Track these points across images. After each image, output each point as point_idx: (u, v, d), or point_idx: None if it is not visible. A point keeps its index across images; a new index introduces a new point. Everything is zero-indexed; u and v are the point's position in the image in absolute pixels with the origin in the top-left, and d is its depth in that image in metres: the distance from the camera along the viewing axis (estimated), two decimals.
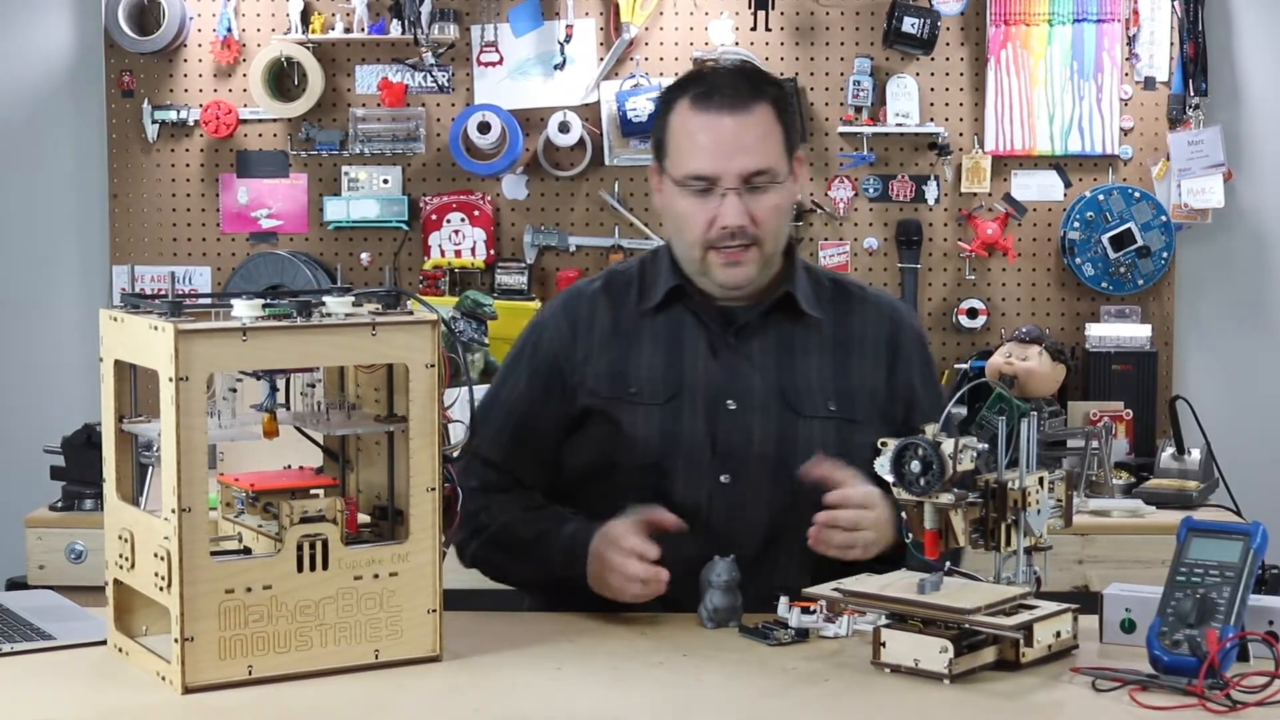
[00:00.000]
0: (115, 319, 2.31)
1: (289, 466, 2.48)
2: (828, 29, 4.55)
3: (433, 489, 2.30)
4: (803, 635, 2.38)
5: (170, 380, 2.14)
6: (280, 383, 2.34)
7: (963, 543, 2.29)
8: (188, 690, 2.17)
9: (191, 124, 4.57)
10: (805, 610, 2.35)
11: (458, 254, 4.55)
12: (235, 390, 2.33)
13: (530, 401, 2.71)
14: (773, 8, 4.47)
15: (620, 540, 2.50)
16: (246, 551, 2.33)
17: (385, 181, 4.57)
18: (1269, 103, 4.57)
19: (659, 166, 2.71)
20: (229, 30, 4.51)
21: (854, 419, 2.68)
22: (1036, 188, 4.56)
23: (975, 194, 4.55)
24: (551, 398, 2.71)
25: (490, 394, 2.75)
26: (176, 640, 2.17)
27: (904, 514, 2.32)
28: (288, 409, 2.39)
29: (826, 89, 4.54)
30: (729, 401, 2.66)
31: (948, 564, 2.34)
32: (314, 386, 2.41)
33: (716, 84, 2.66)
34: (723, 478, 2.65)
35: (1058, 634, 2.28)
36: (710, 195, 2.61)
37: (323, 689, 2.21)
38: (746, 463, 2.65)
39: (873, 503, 2.51)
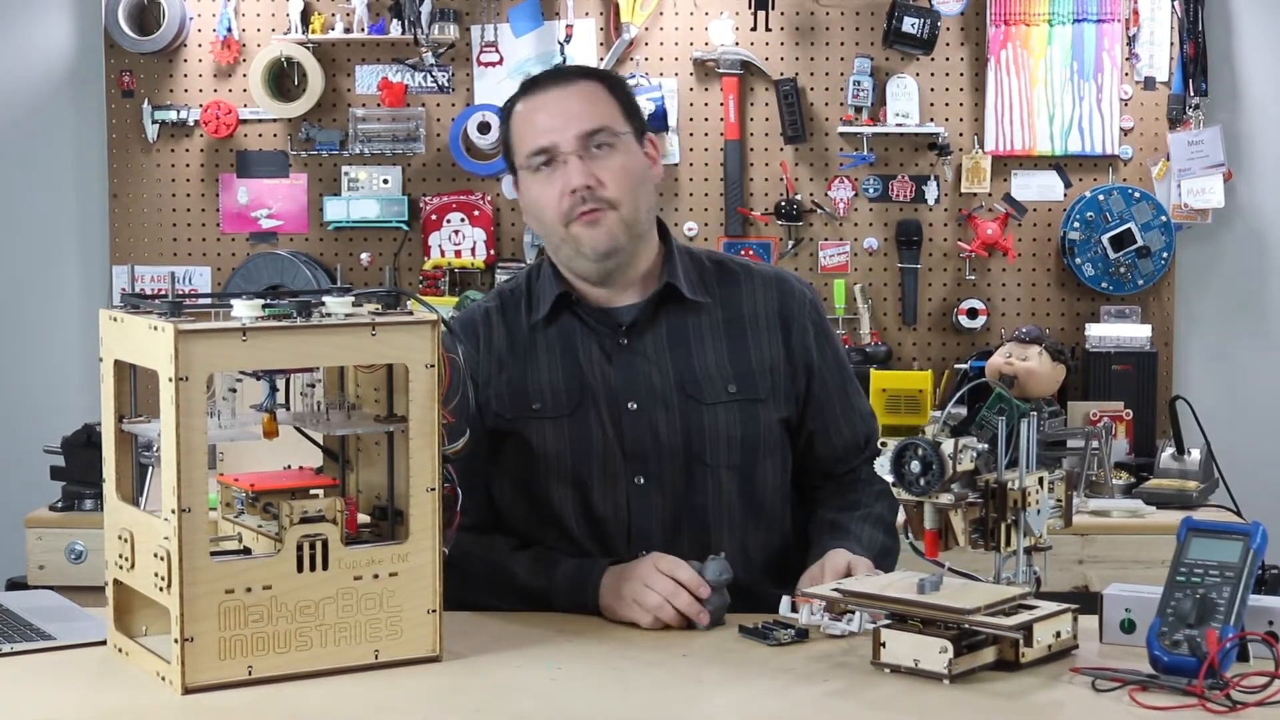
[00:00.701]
0: (115, 319, 2.31)
1: (289, 466, 2.48)
2: (828, 29, 4.55)
3: (433, 489, 2.30)
4: (803, 635, 2.38)
5: (170, 380, 2.14)
6: (280, 383, 2.34)
7: (962, 543, 2.29)
8: (188, 690, 2.17)
9: (191, 124, 4.57)
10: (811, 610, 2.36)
11: (458, 254, 4.55)
12: (235, 390, 2.33)
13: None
14: (773, 8, 4.48)
15: (675, 570, 2.47)
16: (246, 552, 2.33)
17: (385, 181, 4.57)
18: (1269, 103, 4.57)
19: (515, 177, 2.73)
20: (229, 30, 4.52)
21: (756, 398, 2.68)
22: (1036, 188, 4.56)
23: (975, 194, 4.55)
24: (476, 415, 2.67)
25: None
26: (176, 640, 2.16)
27: (904, 514, 2.32)
28: (288, 409, 2.39)
29: (826, 89, 4.54)
30: (630, 403, 2.65)
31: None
32: (314, 386, 2.40)
33: (543, 75, 2.75)
34: (637, 479, 2.64)
35: (1057, 634, 2.28)
36: (555, 169, 2.62)
37: (323, 689, 2.21)
38: (659, 461, 2.64)
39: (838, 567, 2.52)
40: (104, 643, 2.38)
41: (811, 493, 2.77)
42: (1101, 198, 4.47)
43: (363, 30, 4.49)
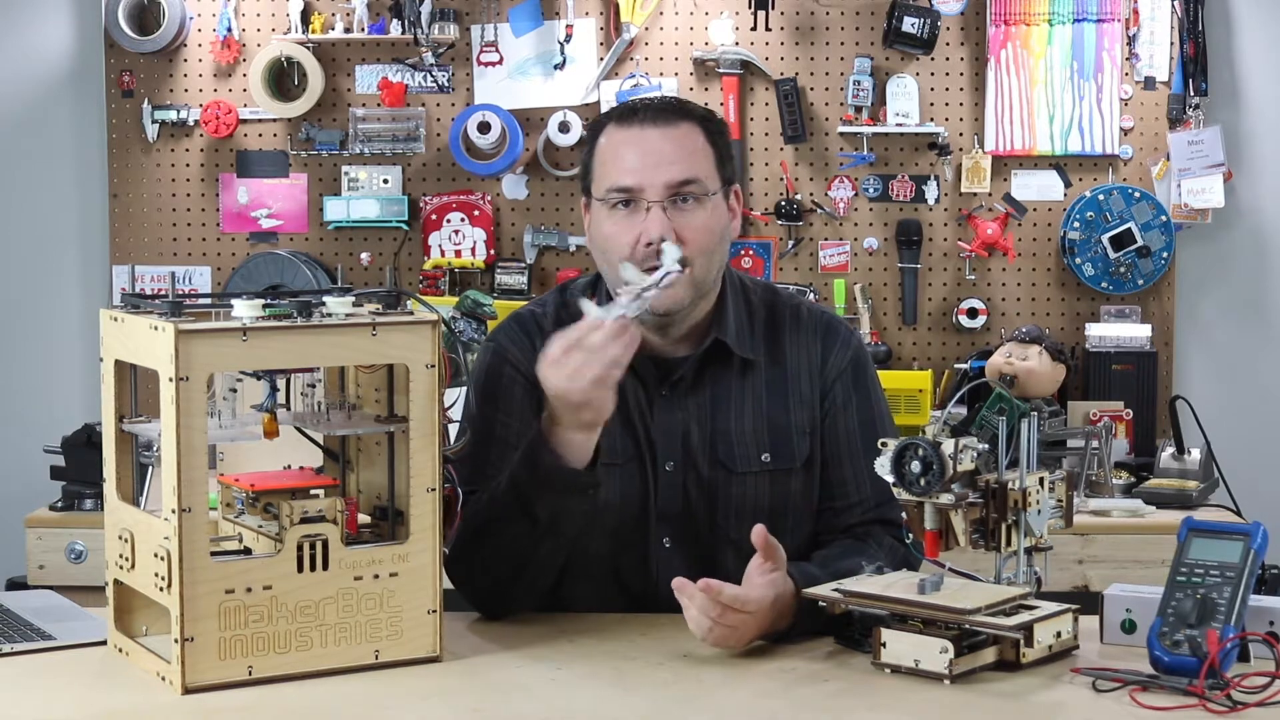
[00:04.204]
0: (115, 319, 2.31)
1: (289, 466, 2.48)
2: (828, 29, 4.55)
3: (433, 489, 2.30)
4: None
5: (170, 380, 2.14)
6: (280, 383, 2.34)
7: (963, 543, 2.29)
8: (188, 690, 2.17)
9: (191, 124, 4.57)
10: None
11: (458, 254, 4.55)
12: (235, 390, 2.32)
13: (531, 428, 2.54)
14: (773, 8, 4.48)
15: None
16: (247, 552, 2.33)
17: (385, 181, 4.57)
18: (1269, 103, 4.57)
19: (587, 201, 2.61)
20: (229, 30, 4.52)
21: (790, 467, 2.61)
22: (1036, 188, 4.56)
23: (975, 194, 4.55)
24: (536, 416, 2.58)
25: (481, 431, 2.57)
26: (176, 640, 2.16)
27: (905, 514, 2.32)
28: (288, 409, 2.39)
29: (826, 89, 4.54)
30: (668, 464, 2.59)
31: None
32: (314, 387, 2.40)
33: (642, 104, 2.59)
34: (665, 541, 2.60)
35: (1058, 634, 2.28)
36: (635, 211, 2.50)
37: (323, 689, 2.21)
38: (685, 525, 2.59)
39: (759, 611, 2.35)
40: (104, 643, 2.38)
41: (824, 544, 2.64)
42: (1101, 197, 4.47)
43: (363, 30, 4.49)
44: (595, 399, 2.36)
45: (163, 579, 2.18)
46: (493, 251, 4.56)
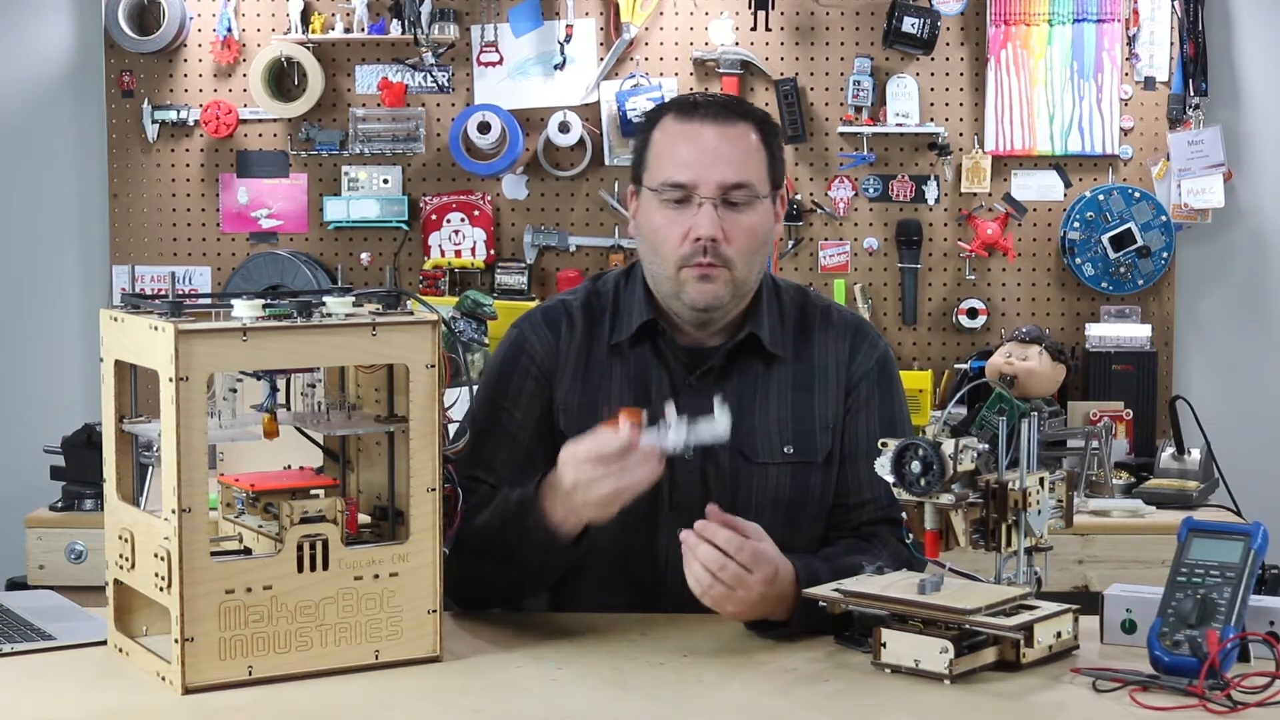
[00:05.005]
0: (115, 319, 2.31)
1: (289, 467, 2.48)
2: (828, 29, 4.55)
3: (433, 489, 2.30)
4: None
5: (170, 380, 2.14)
6: (280, 383, 2.34)
7: (963, 543, 2.29)
8: (188, 690, 2.17)
9: (191, 124, 4.57)
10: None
11: (458, 254, 4.55)
12: (235, 390, 2.32)
13: (535, 422, 2.60)
14: (773, 8, 4.48)
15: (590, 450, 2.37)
16: (247, 552, 2.33)
17: (385, 181, 4.57)
18: (1269, 103, 4.57)
19: (636, 189, 2.64)
20: (229, 30, 4.52)
21: (812, 460, 2.62)
22: (1036, 188, 4.56)
23: (975, 194, 4.55)
24: (548, 414, 2.62)
25: (486, 418, 2.60)
26: (176, 640, 2.16)
27: (905, 514, 2.32)
28: (288, 409, 2.39)
29: (826, 89, 4.54)
30: (689, 453, 2.56)
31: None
32: (314, 387, 2.40)
33: (703, 99, 2.63)
34: (680, 532, 2.55)
35: (1058, 634, 2.28)
36: (686, 207, 2.54)
37: (323, 689, 2.21)
38: (700, 515, 2.52)
39: (757, 562, 2.36)
40: (104, 643, 2.38)
41: (831, 542, 2.65)
42: (1101, 198, 4.47)
43: (363, 30, 4.49)
44: (595, 502, 2.37)
45: (163, 579, 2.18)
46: (493, 251, 4.56)
